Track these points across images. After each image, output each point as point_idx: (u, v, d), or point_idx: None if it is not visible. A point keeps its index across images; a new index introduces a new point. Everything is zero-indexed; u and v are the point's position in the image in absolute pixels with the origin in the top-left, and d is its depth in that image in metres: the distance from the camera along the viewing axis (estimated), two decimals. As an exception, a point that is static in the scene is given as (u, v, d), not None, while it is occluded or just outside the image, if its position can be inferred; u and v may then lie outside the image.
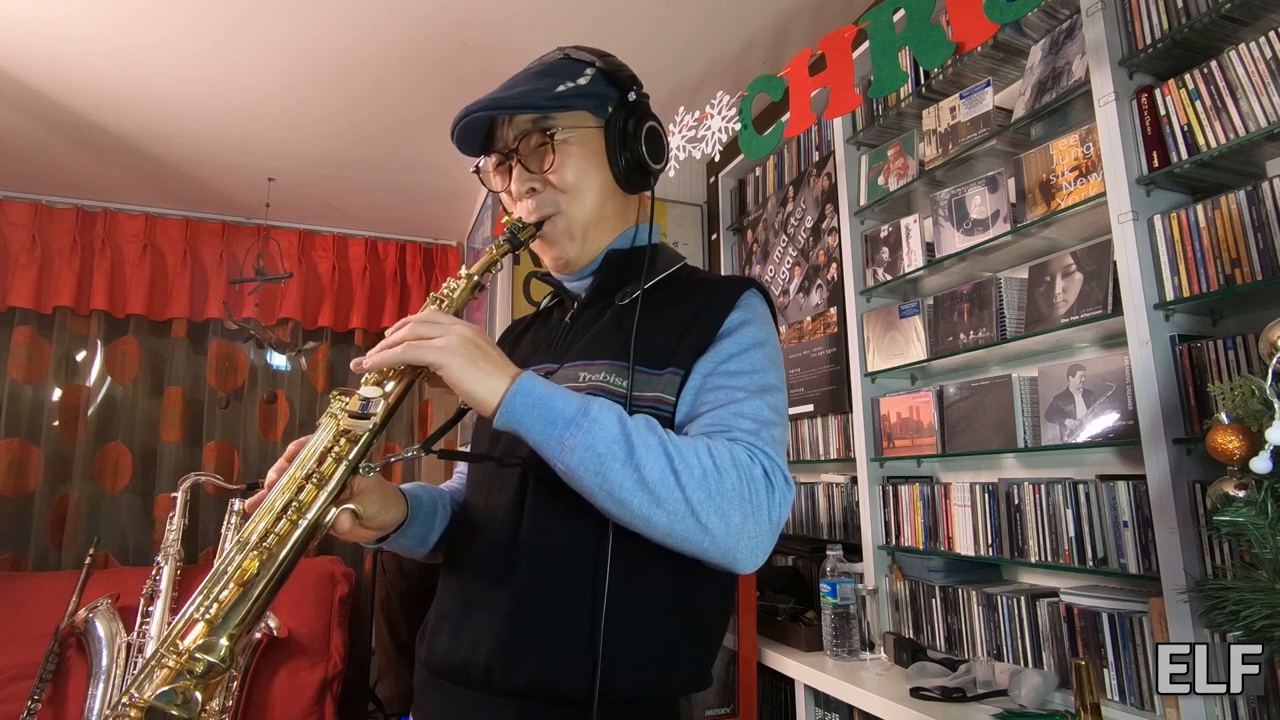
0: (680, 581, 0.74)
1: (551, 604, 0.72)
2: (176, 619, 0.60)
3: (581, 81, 0.83)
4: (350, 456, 0.65)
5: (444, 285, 0.77)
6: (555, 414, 0.65)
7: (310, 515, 0.63)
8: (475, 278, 0.77)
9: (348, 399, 0.67)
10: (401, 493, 0.83)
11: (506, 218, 0.84)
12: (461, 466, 0.99)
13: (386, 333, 0.69)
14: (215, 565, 0.62)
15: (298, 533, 0.62)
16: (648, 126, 0.86)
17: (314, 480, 0.64)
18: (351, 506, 0.67)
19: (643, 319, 0.78)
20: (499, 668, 0.71)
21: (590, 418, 0.65)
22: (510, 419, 0.66)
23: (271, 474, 0.69)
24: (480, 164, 0.88)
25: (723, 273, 2.60)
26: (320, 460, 0.65)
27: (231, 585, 0.59)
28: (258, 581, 0.60)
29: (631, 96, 0.86)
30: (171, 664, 0.56)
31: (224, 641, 0.57)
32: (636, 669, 0.71)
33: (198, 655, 0.56)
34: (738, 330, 0.78)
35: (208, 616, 0.58)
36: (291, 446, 0.70)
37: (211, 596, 0.59)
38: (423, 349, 0.65)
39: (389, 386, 0.68)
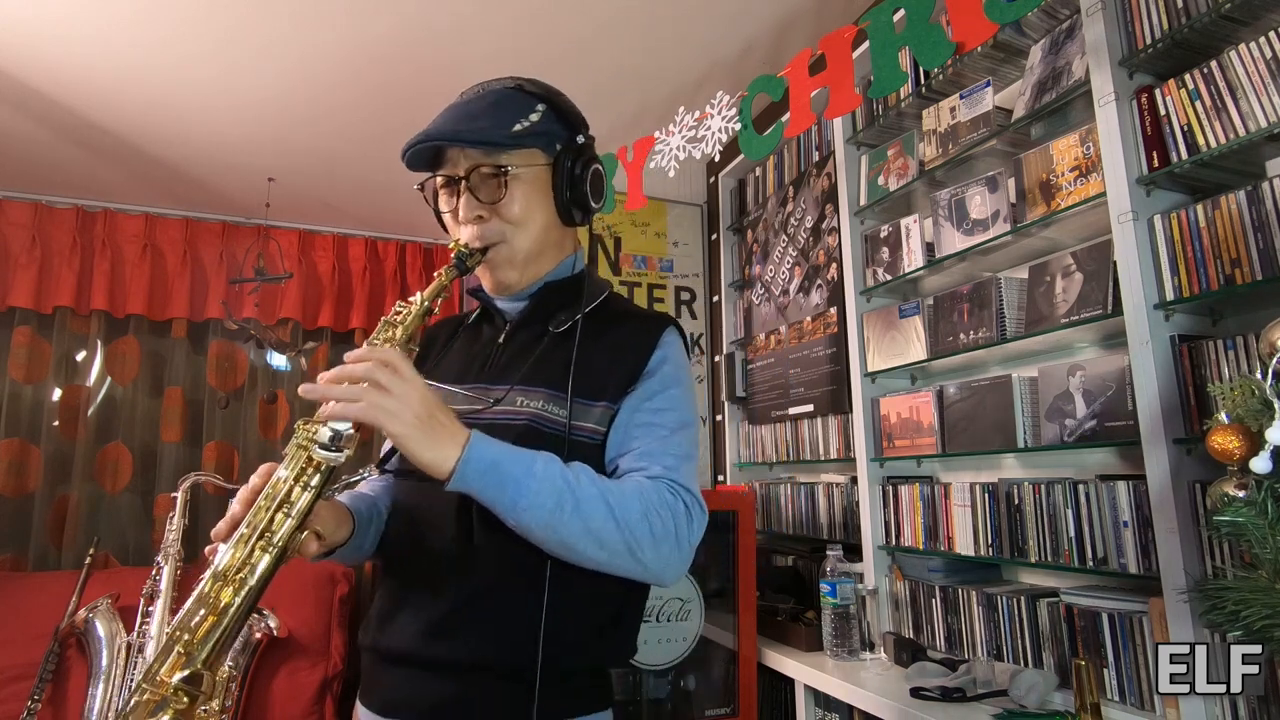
0: (615, 580, 0.82)
1: (495, 591, 0.80)
2: (156, 651, 0.66)
3: (534, 118, 0.88)
4: (315, 484, 0.70)
5: (394, 309, 0.83)
6: (505, 478, 0.72)
7: (279, 543, 0.68)
8: (426, 303, 0.83)
9: (316, 428, 0.69)
10: (346, 507, 0.88)
11: (453, 243, 0.89)
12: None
13: (345, 356, 0.72)
14: (193, 594, 0.66)
15: (267, 561, 0.67)
16: (593, 169, 0.93)
17: (284, 510, 0.68)
18: (316, 529, 0.73)
19: (578, 349, 0.86)
20: (444, 648, 0.79)
21: (537, 478, 0.73)
22: (463, 485, 0.72)
23: (235, 505, 0.73)
24: (425, 182, 0.93)
25: (723, 273, 2.61)
26: (289, 492, 0.69)
27: (209, 616, 0.64)
28: (230, 609, 0.64)
29: (580, 139, 0.93)
30: (150, 695, 0.60)
31: (199, 668, 0.62)
32: (571, 645, 0.81)
33: (175, 684, 0.60)
34: (660, 370, 0.87)
35: (187, 648, 0.63)
36: (255, 478, 0.73)
37: (189, 627, 0.64)
38: (380, 416, 0.68)
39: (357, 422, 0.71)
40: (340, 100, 2.33)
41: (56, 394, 2.92)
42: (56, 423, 2.90)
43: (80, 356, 2.98)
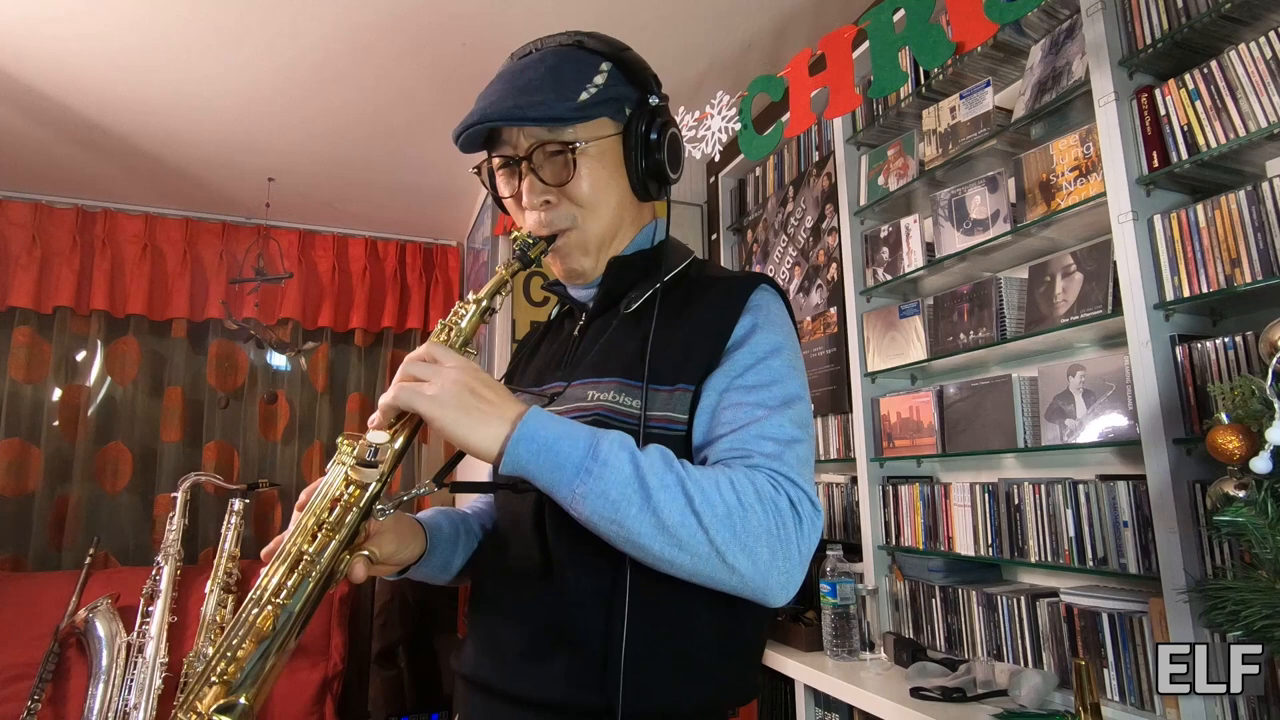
0: (718, 598, 0.70)
1: (576, 620, 0.70)
2: (194, 680, 0.60)
3: (599, 81, 0.78)
4: (361, 504, 0.64)
5: (453, 310, 0.73)
6: (563, 460, 0.62)
7: (322, 564, 0.62)
8: (485, 302, 0.72)
9: (355, 444, 0.65)
10: (420, 524, 0.81)
11: (515, 233, 0.79)
12: None
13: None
14: (231, 621, 0.62)
15: (310, 584, 0.61)
16: (670, 134, 0.81)
17: (326, 529, 0.63)
18: (366, 552, 0.66)
19: (654, 329, 0.75)
20: (526, 680, 0.71)
21: (600, 461, 0.61)
22: (516, 467, 0.63)
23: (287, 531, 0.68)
24: (482, 165, 0.83)
25: (723, 273, 2.59)
26: (331, 509, 0.64)
27: (247, 642, 0.59)
28: (274, 637, 0.60)
29: (653, 100, 0.82)
30: None
31: (242, 701, 0.57)
32: (671, 683, 0.69)
33: (215, 717, 0.56)
34: (750, 338, 0.73)
35: (225, 677, 0.58)
36: (303, 495, 0.68)
37: (228, 655, 0.59)
38: (414, 396, 0.62)
39: (396, 434, 0.66)
40: (340, 99, 2.33)
41: (56, 394, 2.93)
42: (56, 423, 2.91)
43: (80, 356, 2.98)
